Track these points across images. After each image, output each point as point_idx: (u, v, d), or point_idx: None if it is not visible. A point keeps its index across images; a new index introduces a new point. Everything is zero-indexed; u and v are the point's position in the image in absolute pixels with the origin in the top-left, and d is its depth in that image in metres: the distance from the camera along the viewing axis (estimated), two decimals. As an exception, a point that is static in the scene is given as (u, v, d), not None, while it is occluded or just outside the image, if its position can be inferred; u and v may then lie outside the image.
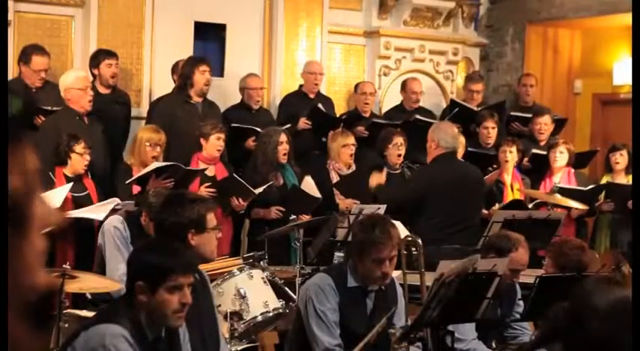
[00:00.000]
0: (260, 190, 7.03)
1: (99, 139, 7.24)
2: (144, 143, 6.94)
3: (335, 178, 7.75)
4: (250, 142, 7.87)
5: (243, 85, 8.36)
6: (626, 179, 8.38)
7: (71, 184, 6.52)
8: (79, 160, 6.66)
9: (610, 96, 10.63)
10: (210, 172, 7.26)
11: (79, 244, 6.58)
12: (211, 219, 4.08)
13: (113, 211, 6.13)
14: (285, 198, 7.27)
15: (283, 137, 7.41)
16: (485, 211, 7.49)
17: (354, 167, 7.88)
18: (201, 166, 7.21)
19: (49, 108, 7.13)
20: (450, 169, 6.89)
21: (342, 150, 7.79)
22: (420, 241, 4.73)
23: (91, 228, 6.44)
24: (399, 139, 7.88)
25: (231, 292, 5.09)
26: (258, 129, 7.83)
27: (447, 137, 6.92)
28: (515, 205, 7.51)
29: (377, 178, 7.69)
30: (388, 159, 7.85)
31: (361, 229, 4.39)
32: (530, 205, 7.73)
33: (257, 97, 8.35)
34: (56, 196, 6.15)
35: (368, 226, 4.36)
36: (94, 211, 6.35)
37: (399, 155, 7.87)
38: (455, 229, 6.74)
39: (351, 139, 7.88)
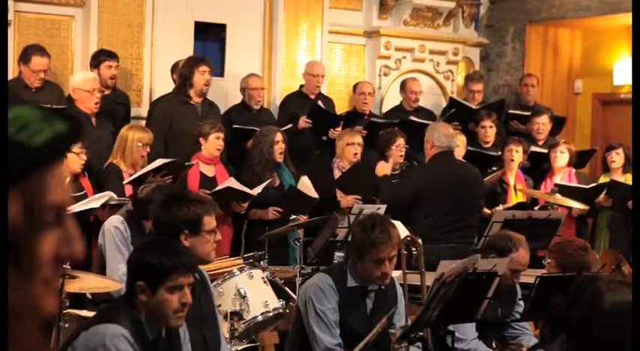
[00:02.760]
0: (259, 190, 7.01)
1: (108, 140, 7.19)
2: (136, 143, 6.83)
3: (338, 176, 7.75)
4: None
5: (244, 86, 8.34)
6: (622, 178, 8.37)
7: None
8: (75, 159, 6.60)
9: (610, 96, 10.62)
10: (209, 173, 7.24)
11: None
12: (209, 222, 4.02)
13: (114, 211, 6.12)
14: (283, 198, 7.25)
15: (279, 136, 7.38)
16: (487, 211, 7.48)
17: (357, 165, 7.89)
18: (201, 166, 7.19)
19: (49, 106, 7.10)
20: (445, 168, 6.91)
21: (347, 148, 7.78)
22: (420, 241, 4.73)
23: (87, 226, 6.40)
24: (401, 141, 7.90)
25: (232, 292, 5.09)
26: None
27: (440, 137, 6.96)
28: (520, 208, 7.45)
29: (383, 168, 7.67)
30: (390, 159, 7.85)
31: (361, 229, 4.39)
32: (536, 208, 7.68)
33: (258, 98, 8.32)
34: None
35: (368, 226, 4.35)
36: (89, 204, 6.31)
37: (401, 156, 7.88)
38: (451, 228, 6.75)
39: (358, 138, 7.86)
